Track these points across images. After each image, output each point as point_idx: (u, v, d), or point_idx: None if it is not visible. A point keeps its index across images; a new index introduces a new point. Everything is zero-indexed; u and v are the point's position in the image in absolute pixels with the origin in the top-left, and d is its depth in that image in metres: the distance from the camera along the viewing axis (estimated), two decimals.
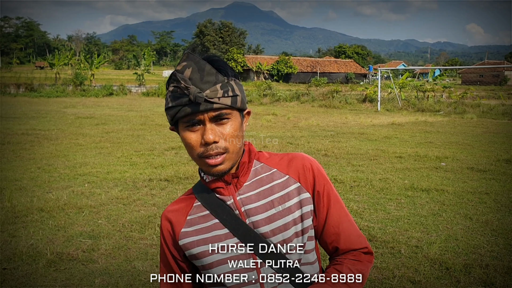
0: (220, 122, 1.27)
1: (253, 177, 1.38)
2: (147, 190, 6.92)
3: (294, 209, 1.35)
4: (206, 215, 1.37)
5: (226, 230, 1.33)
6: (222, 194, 1.36)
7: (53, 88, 36.00)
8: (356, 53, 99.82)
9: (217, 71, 1.27)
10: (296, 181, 1.37)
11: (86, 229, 5.19)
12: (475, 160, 9.70)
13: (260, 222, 1.32)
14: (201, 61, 1.25)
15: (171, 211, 1.42)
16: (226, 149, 1.27)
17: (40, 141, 11.84)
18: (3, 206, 5.98)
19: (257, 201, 1.35)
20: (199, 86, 1.23)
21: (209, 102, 1.23)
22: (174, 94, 1.26)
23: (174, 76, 1.27)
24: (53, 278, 3.97)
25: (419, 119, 19.67)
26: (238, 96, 1.29)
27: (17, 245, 4.66)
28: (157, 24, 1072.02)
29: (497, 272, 4.07)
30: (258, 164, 1.42)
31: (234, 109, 1.29)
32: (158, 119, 17.86)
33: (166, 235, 1.40)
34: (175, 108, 1.26)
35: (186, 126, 1.28)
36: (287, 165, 1.40)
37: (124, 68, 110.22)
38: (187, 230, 1.37)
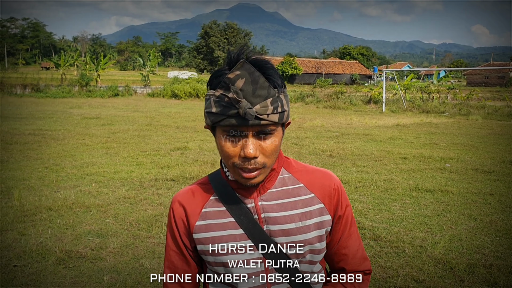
0: (263, 136, 1.24)
1: (278, 186, 1.37)
2: (153, 190, 6.99)
3: (313, 228, 1.35)
4: (222, 211, 1.36)
5: (241, 231, 1.32)
6: (243, 196, 1.35)
7: (59, 89, 36.18)
8: (361, 54, 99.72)
9: (269, 84, 1.22)
10: (321, 202, 1.37)
11: (94, 227, 5.26)
12: (480, 161, 9.72)
13: (277, 232, 1.32)
14: (255, 73, 1.19)
15: (186, 199, 1.40)
16: (263, 165, 1.25)
17: (47, 141, 11.94)
18: (12, 205, 6.06)
19: (278, 211, 1.34)
20: (250, 100, 1.18)
21: (258, 118, 1.19)
22: (221, 102, 1.21)
23: (224, 83, 1.21)
24: (62, 275, 4.04)
25: (424, 121, 19.66)
26: (286, 111, 1.26)
27: (26, 243, 4.74)
28: (162, 25, 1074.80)
29: (501, 272, 4.11)
30: (286, 173, 1.40)
31: (279, 125, 1.27)
32: (163, 119, 17.95)
33: (179, 222, 1.38)
34: (219, 116, 1.22)
35: (227, 135, 1.24)
36: (314, 183, 1.39)
37: (130, 69, 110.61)
38: (201, 223, 1.36)
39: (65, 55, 50.50)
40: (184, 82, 37.95)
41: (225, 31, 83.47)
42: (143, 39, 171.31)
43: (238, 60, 1.23)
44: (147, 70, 46.16)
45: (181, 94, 33.92)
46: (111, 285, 3.86)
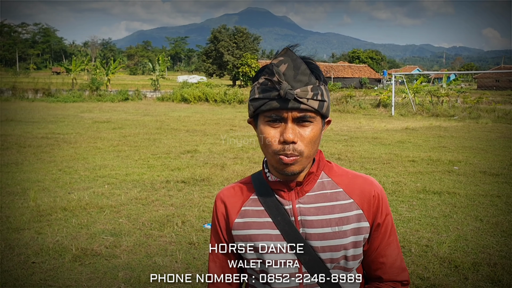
0: (302, 124, 1.27)
1: (317, 190, 1.38)
2: (164, 191, 7.14)
3: (350, 234, 1.34)
4: (260, 211, 1.38)
5: (278, 231, 1.35)
6: (281, 197, 1.37)
7: (70, 93, 36.59)
8: (370, 58, 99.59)
9: (311, 73, 1.28)
10: (359, 208, 1.37)
11: (108, 227, 5.42)
12: (488, 164, 9.76)
13: (313, 236, 1.33)
14: (298, 59, 1.27)
15: (228, 196, 1.45)
16: (301, 153, 1.27)
17: (60, 144, 12.16)
18: (28, 205, 6.24)
19: (315, 215, 1.35)
20: (291, 84, 1.24)
21: (298, 101, 1.23)
22: (264, 87, 1.27)
23: (267, 69, 1.28)
24: (78, 271, 4.20)
25: (433, 124, 19.68)
26: (326, 102, 1.29)
27: (43, 241, 4.90)
28: (172, 30, 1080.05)
29: (505, 270, 4.20)
30: (326, 177, 1.41)
31: (318, 114, 1.29)
32: (173, 123, 18.15)
33: (220, 218, 1.44)
34: (262, 100, 1.27)
35: (268, 120, 1.28)
36: (354, 188, 1.39)
37: (139, 73, 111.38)
38: (239, 221, 1.40)
39: (75, 60, 51.01)
40: (193, 86, 38.22)
41: (234, 36, 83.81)
42: (152, 44, 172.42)
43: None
44: (157, 75, 46.51)
45: (191, 98, 34.17)
46: (125, 281, 4.01)
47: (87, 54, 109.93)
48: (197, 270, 4.26)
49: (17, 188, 7.29)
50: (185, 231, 5.29)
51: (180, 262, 4.43)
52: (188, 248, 4.78)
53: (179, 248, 4.76)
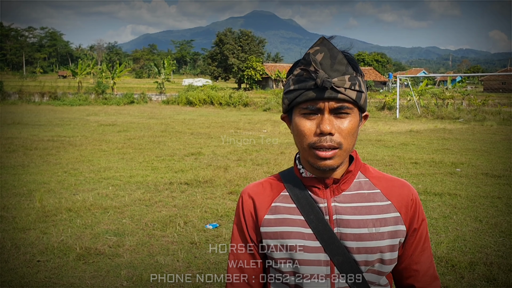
0: (340, 115, 1.22)
1: (354, 189, 1.33)
2: (168, 193, 7.24)
3: (386, 236, 1.29)
4: (292, 208, 1.32)
5: (310, 230, 1.28)
6: (316, 194, 1.32)
7: (76, 97, 36.87)
8: (376, 61, 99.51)
9: (348, 63, 1.24)
10: (397, 211, 1.32)
11: (111, 227, 5.52)
12: (490, 166, 9.80)
13: (348, 236, 1.28)
14: (334, 49, 1.23)
15: (256, 192, 1.38)
16: (339, 145, 1.22)
17: (65, 147, 12.30)
18: (34, 206, 6.36)
19: (352, 214, 1.29)
20: (328, 73, 1.20)
21: (335, 90, 1.19)
22: (299, 77, 1.23)
23: (303, 60, 1.24)
24: (82, 270, 4.30)
25: (438, 127, 19.68)
26: (363, 93, 1.24)
27: (48, 240, 5.01)
28: (177, 33, 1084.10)
29: (501, 269, 4.26)
30: (363, 177, 1.36)
31: (356, 105, 1.24)
32: (178, 126, 18.28)
33: (247, 214, 1.37)
34: (297, 92, 1.23)
35: (303, 113, 1.24)
36: (392, 191, 1.34)
37: (145, 76, 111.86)
38: (270, 217, 1.33)
39: (82, 63, 51.37)
40: (198, 90, 38.40)
41: (240, 39, 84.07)
42: (158, 47, 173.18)
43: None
44: (162, 78, 46.76)
45: (196, 101, 34.34)
46: (127, 279, 4.10)
47: (93, 58, 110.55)
48: (198, 269, 4.34)
49: (23, 189, 7.41)
50: (187, 231, 5.38)
51: (181, 261, 4.51)
52: (189, 248, 4.87)
53: (180, 248, 4.85)
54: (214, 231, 5.42)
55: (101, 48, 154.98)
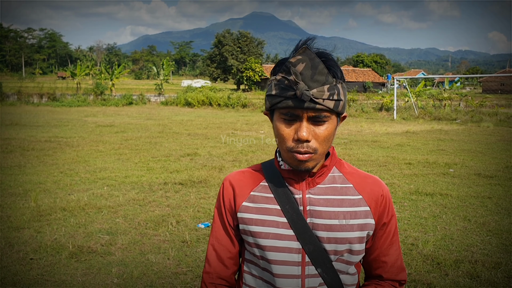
0: (317, 122, 1.28)
1: (328, 183, 1.40)
2: (162, 193, 7.32)
3: (356, 229, 1.36)
4: (269, 198, 1.40)
5: (285, 219, 1.36)
6: (292, 186, 1.39)
7: (75, 98, 36.95)
8: (375, 62, 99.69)
9: (328, 72, 1.27)
10: (367, 205, 1.39)
11: (104, 226, 5.59)
12: (483, 167, 9.88)
13: (319, 226, 1.35)
14: (316, 59, 1.26)
15: (237, 180, 1.46)
16: (315, 150, 1.29)
17: (62, 147, 12.37)
18: (29, 205, 6.43)
19: (324, 206, 1.36)
20: (308, 84, 1.24)
21: (314, 101, 1.24)
22: (281, 84, 1.28)
23: (285, 67, 1.28)
24: (74, 267, 4.37)
25: (435, 128, 19.76)
26: (342, 101, 1.29)
27: (42, 239, 5.08)
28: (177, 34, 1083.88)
29: (485, 267, 4.34)
30: (337, 172, 1.43)
31: (333, 112, 1.30)
32: (175, 127, 18.36)
33: (226, 199, 1.45)
34: (278, 98, 1.28)
35: (283, 118, 1.30)
36: (364, 186, 1.42)
37: (144, 78, 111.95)
38: (248, 204, 1.41)
39: (80, 64, 51.46)
40: (197, 91, 38.47)
41: (238, 40, 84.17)
42: (157, 48, 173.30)
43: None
44: (161, 79, 46.85)
45: (194, 102, 34.42)
46: (118, 276, 4.18)
47: (92, 59, 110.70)
48: (188, 267, 4.41)
49: (19, 189, 7.48)
50: (179, 230, 5.45)
51: (172, 259, 4.59)
52: (180, 246, 4.94)
53: (172, 246, 4.93)
54: (206, 230, 5.49)
55: (100, 49, 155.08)
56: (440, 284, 3.98)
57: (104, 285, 4.01)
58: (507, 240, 5.18)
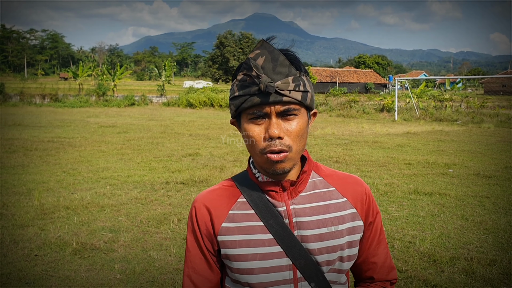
0: (287, 117, 1.20)
1: (310, 189, 1.32)
2: (164, 192, 7.42)
3: (345, 234, 1.30)
4: (250, 214, 1.29)
5: (270, 236, 1.26)
6: (274, 198, 1.29)
7: (77, 99, 37.10)
8: (377, 63, 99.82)
9: (291, 64, 1.21)
10: (353, 207, 1.33)
11: (107, 224, 5.70)
12: (483, 167, 9.95)
13: (309, 238, 1.27)
14: (275, 51, 1.20)
15: (210, 200, 1.33)
16: (289, 147, 1.20)
17: (65, 148, 12.48)
18: (33, 204, 6.54)
19: (310, 216, 1.28)
20: (271, 76, 1.17)
21: (279, 94, 1.17)
22: (243, 83, 1.20)
23: (245, 64, 1.22)
24: (78, 264, 4.47)
25: (436, 129, 19.83)
26: (309, 92, 1.22)
27: (46, 236, 5.19)
28: (179, 35, 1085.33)
29: (480, 264, 4.42)
30: (317, 177, 1.35)
31: (303, 106, 1.22)
32: (177, 128, 18.47)
33: (201, 224, 1.31)
34: (242, 98, 1.20)
35: (251, 118, 1.21)
36: (346, 187, 1.35)
37: (146, 79, 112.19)
38: (228, 225, 1.29)
39: (83, 65, 51.61)
40: (199, 92, 38.60)
41: (240, 41, 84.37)
42: (159, 50, 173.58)
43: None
44: (163, 80, 46.95)
45: (196, 103, 34.55)
46: (121, 272, 4.28)
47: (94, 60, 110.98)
48: None
49: (23, 188, 7.59)
50: (180, 228, 5.55)
51: (173, 255, 4.69)
52: (182, 243, 5.03)
53: (173, 243, 5.03)
54: None
55: (102, 50, 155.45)
56: (435, 280, 4.06)
57: (107, 280, 4.11)
58: (503, 238, 5.26)
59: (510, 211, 6.40)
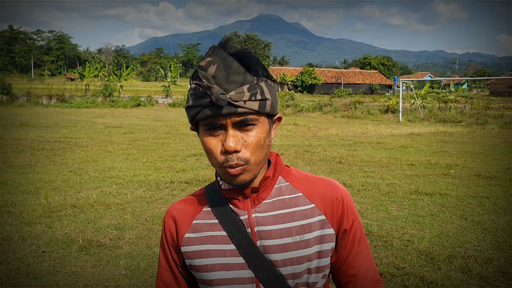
0: (245, 128, 1.12)
1: (274, 196, 1.22)
2: (168, 191, 7.55)
3: (313, 243, 1.18)
4: (214, 224, 1.22)
5: (233, 246, 1.18)
6: (236, 207, 1.21)
7: (83, 99, 37.40)
8: (382, 64, 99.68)
9: (246, 70, 1.11)
10: (322, 213, 1.21)
11: (113, 222, 5.84)
12: (484, 168, 10.01)
13: (272, 248, 1.17)
14: (228, 58, 1.10)
15: (178, 210, 1.28)
16: (247, 161, 1.12)
17: (72, 148, 12.66)
18: (40, 202, 6.69)
19: (273, 224, 1.19)
20: (223, 87, 1.08)
21: (233, 105, 1.08)
22: (196, 93, 1.11)
23: (196, 73, 1.12)
24: (84, 260, 4.61)
25: (439, 130, 19.88)
26: (268, 100, 1.13)
27: (53, 233, 5.33)
28: (184, 36, 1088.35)
29: (477, 262, 4.52)
30: (284, 182, 1.26)
31: (261, 114, 1.13)
32: (182, 128, 18.63)
33: (168, 235, 1.27)
34: (195, 109, 1.12)
35: (207, 129, 1.13)
36: (315, 192, 1.24)
37: (152, 80, 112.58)
38: (190, 236, 1.23)
39: (89, 66, 51.95)
40: None
41: (245, 42, 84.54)
42: (165, 51, 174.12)
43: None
44: (169, 81, 47.20)
45: None
46: (126, 267, 4.41)
47: (101, 61, 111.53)
48: None
49: (30, 187, 7.75)
50: None
51: None
52: None
53: None
54: None
55: (108, 51, 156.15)
56: (432, 277, 4.16)
57: (112, 276, 4.24)
58: (501, 238, 5.34)
59: (509, 211, 6.48)
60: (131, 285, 4.05)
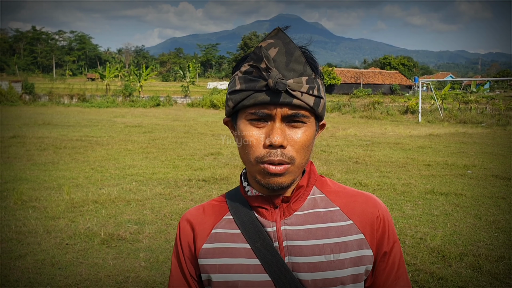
0: (293, 124, 1.01)
1: (307, 208, 1.10)
2: (186, 188, 7.75)
3: (348, 264, 1.05)
4: (236, 234, 1.10)
5: (257, 261, 1.06)
6: (263, 217, 1.09)
7: (104, 99, 37.98)
8: (402, 64, 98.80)
9: (306, 61, 1.03)
10: (360, 232, 1.08)
11: (133, 217, 6.04)
12: (502, 169, 9.98)
13: (302, 266, 1.05)
14: (291, 43, 1.02)
15: (195, 216, 1.15)
16: (292, 160, 1.01)
17: (93, 146, 12.96)
18: (63, 198, 6.94)
19: (305, 239, 1.06)
20: (283, 72, 0.98)
21: (290, 95, 0.98)
22: (247, 76, 1.00)
23: (253, 54, 1.01)
24: (105, 252, 4.81)
25: (459, 131, 19.72)
26: (322, 99, 1.04)
27: (76, 227, 5.56)
28: (203, 36, 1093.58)
29: (488, 260, 4.59)
30: (318, 193, 1.13)
31: (313, 113, 1.04)
32: (200, 128, 18.86)
33: (184, 244, 1.14)
34: (244, 93, 1.00)
35: (250, 119, 1.01)
36: (353, 207, 1.11)
37: (171, 80, 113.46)
38: (209, 246, 1.10)
39: (110, 66, 52.68)
40: (222, 92, 39.05)
41: None
42: (184, 51, 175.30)
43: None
44: (187, 81, 47.60)
45: (219, 104, 34.97)
46: (145, 260, 4.59)
47: (121, 61, 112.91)
48: None
49: (54, 184, 8.02)
50: None
51: None
52: None
53: None
54: None
55: (128, 52, 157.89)
56: (442, 273, 4.25)
57: (132, 267, 4.42)
58: None
59: None
60: (150, 276, 4.23)
